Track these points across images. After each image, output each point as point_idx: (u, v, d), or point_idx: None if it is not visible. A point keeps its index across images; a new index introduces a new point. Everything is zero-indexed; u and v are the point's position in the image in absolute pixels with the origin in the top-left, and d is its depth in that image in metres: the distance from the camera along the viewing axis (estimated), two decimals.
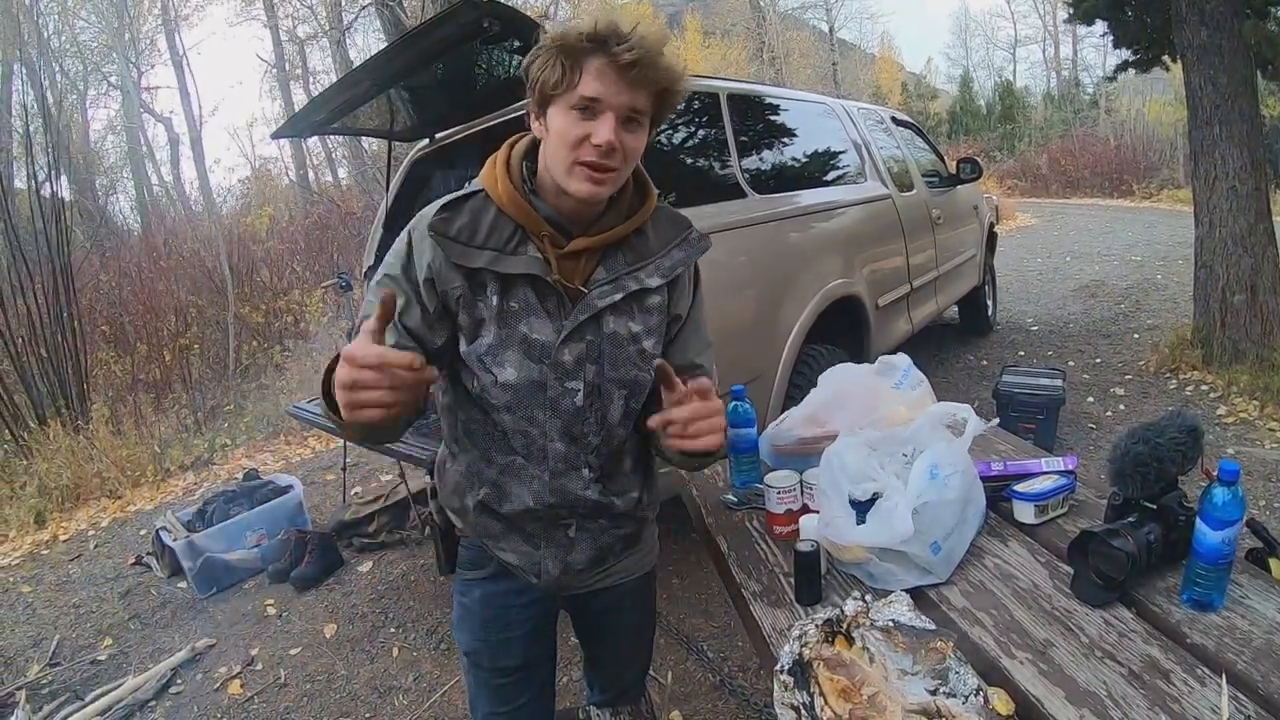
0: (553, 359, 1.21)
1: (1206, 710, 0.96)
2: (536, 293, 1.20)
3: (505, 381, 1.21)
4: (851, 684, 1.03)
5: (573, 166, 1.11)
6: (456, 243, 1.16)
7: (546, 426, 1.25)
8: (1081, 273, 9.23)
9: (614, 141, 1.09)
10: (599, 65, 1.07)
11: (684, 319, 1.35)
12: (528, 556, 1.34)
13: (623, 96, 1.09)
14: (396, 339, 1.17)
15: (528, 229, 1.19)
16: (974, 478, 1.45)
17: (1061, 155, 22.13)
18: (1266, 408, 4.15)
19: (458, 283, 1.18)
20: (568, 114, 1.10)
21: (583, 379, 1.24)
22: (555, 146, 1.13)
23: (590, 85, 1.08)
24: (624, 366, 1.26)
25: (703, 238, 1.34)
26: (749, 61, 27.05)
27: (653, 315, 1.28)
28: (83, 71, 18.81)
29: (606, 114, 1.09)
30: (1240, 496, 1.13)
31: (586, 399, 1.25)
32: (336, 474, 4.52)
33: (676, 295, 1.33)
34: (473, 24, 2.24)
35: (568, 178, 1.13)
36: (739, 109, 3.29)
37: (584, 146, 1.10)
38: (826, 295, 3.25)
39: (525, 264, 1.17)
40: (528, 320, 1.20)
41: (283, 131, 3.52)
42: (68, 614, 3.65)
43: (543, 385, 1.22)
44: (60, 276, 6.30)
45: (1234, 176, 4.59)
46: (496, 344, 1.20)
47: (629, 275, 1.23)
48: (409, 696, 2.69)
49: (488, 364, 1.21)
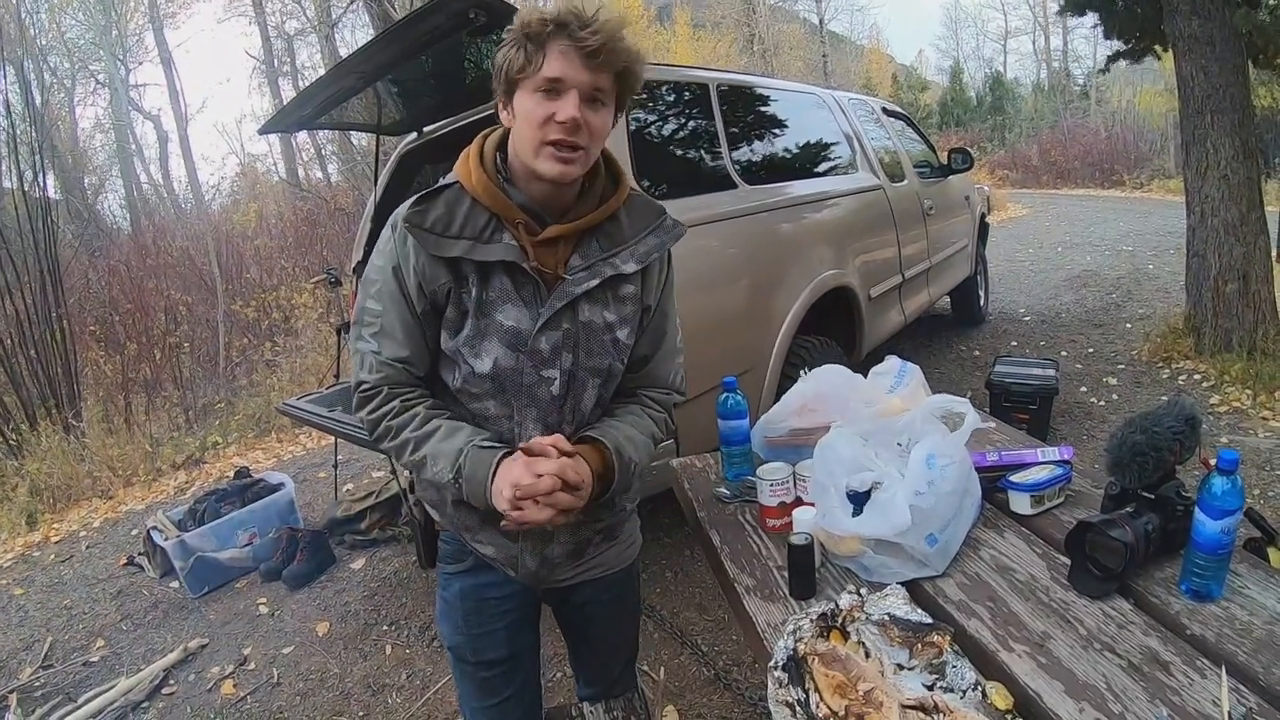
0: (529, 347, 1.22)
1: (1207, 702, 0.95)
2: (513, 280, 1.21)
3: (483, 372, 1.23)
4: (847, 679, 1.02)
5: (540, 147, 1.13)
6: (431, 233, 1.17)
7: (522, 415, 1.26)
8: (1073, 263, 9.25)
9: (578, 118, 1.11)
10: (561, 47, 1.10)
11: (653, 310, 1.37)
12: (505, 549, 1.34)
13: (585, 75, 1.11)
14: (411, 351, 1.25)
15: (502, 217, 1.20)
16: (970, 469, 1.44)
17: (1052, 146, 22.24)
18: (1259, 396, 4.15)
19: (443, 279, 1.20)
20: (532, 96, 1.13)
21: (559, 367, 1.24)
22: (522, 129, 1.15)
23: (553, 66, 1.11)
24: (598, 355, 1.27)
25: (676, 224, 1.35)
26: (739, 54, 26.96)
27: (626, 305, 1.30)
28: (70, 69, 18.70)
29: (570, 93, 1.12)
30: (1240, 486, 1.11)
31: (562, 387, 1.26)
32: (328, 471, 4.51)
33: (649, 286, 1.34)
34: (459, 15, 2.22)
35: (535, 159, 1.14)
36: (729, 100, 3.27)
37: (549, 125, 1.12)
38: (818, 286, 3.24)
39: (502, 251, 1.18)
40: (504, 308, 1.21)
41: (270, 126, 3.49)
42: (60, 616, 3.62)
43: (519, 373, 1.23)
44: (49, 276, 6.28)
45: (1226, 166, 4.59)
46: (474, 334, 1.22)
47: (604, 261, 1.25)
48: (402, 694, 2.67)
49: (466, 355, 1.23)
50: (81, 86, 19.71)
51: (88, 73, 19.74)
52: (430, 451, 1.21)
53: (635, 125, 2.72)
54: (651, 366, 1.40)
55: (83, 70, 19.51)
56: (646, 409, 1.38)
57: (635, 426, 1.33)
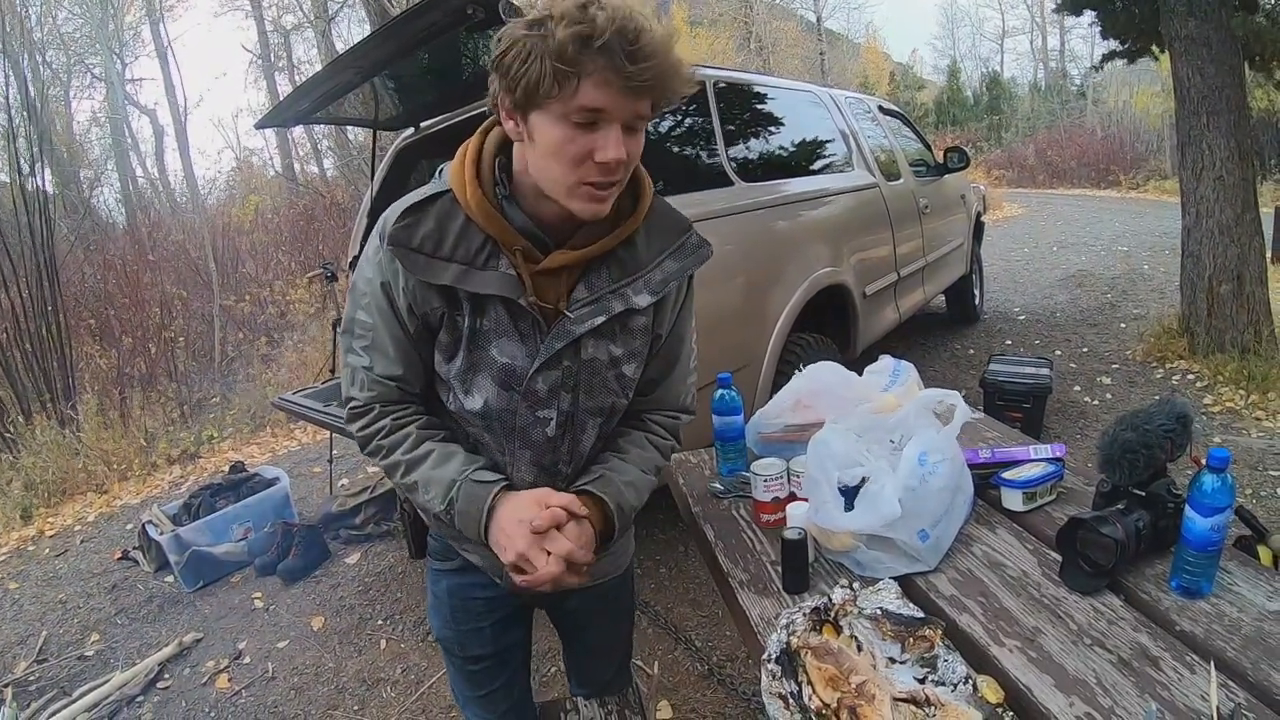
0: (524, 387, 1.12)
1: (1196, 697, 0.96)
2: (509, 312, 1.10)
3: (473, 409, 1.14)
4: (839, 672, 1.03)
5: (576, 187, 0.99)
6: (420, 254, 1.05)
7: (516, 456, 1.18)
8: (1068, 262, 9.26)
9: (624, 158, 0.97)
10: (603, 73, 0.91)
11: (665, 337, 1.25)
12: (490, 560, 1.22)
13: (628, 104, 0.95)
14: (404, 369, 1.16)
15: (500, 241, 1.07)
16: (962, 465, 1.44)
17: (1048, 146, 22.27)
18: (1252, 396, 4.17)
19: (435, 303, 1.09)
20: (562, 125, 0.95)
21: (556, 408, 1.15)
22: (549, 162, 0.99)
23: (591, 95, 0.92)
24: (600, 394, 1.18)
25: (702, 244, 1.21)
26: (736, 51, 26.93)
27: (636, 338, 1.19)
28: (66, 63, 18.60)
29: (612, 127, 0.95)
30: (1230, 484, 1.12)
31: (559, 429, 1.17)
32: (323, 466, 4.51)
33: (663, 315, 1.23)
34: (458, 11, 2.22)
35: (569, 199, 1.00)
36: (726, 97, 3.28)
37: (587, 165, 0.97)
38: (814, 284, 3.24)
39: (496, 282, 1.06)
40: (498, 343, 1.10)
41: (267, 121, 3.48)
42: (54, 610, 3.62)
43: (512, 414, 1.14)
44: (44, 270, 6.27)
45: (1221, 167, 4.60)
46: (466, 368, 1.12)
47: (614, 294, 1.12)
48: (397, 688, 2.68)
49: (456, 389, 1.14)
50: (78, 80, 19.66)
51: (84, 66, 19.67)
52: (421, 478, 1.13)
53: None
54: (660, 391, 1.31)
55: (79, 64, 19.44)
56: (652, 438, 1.29)
57: (638, 464, 1.24)
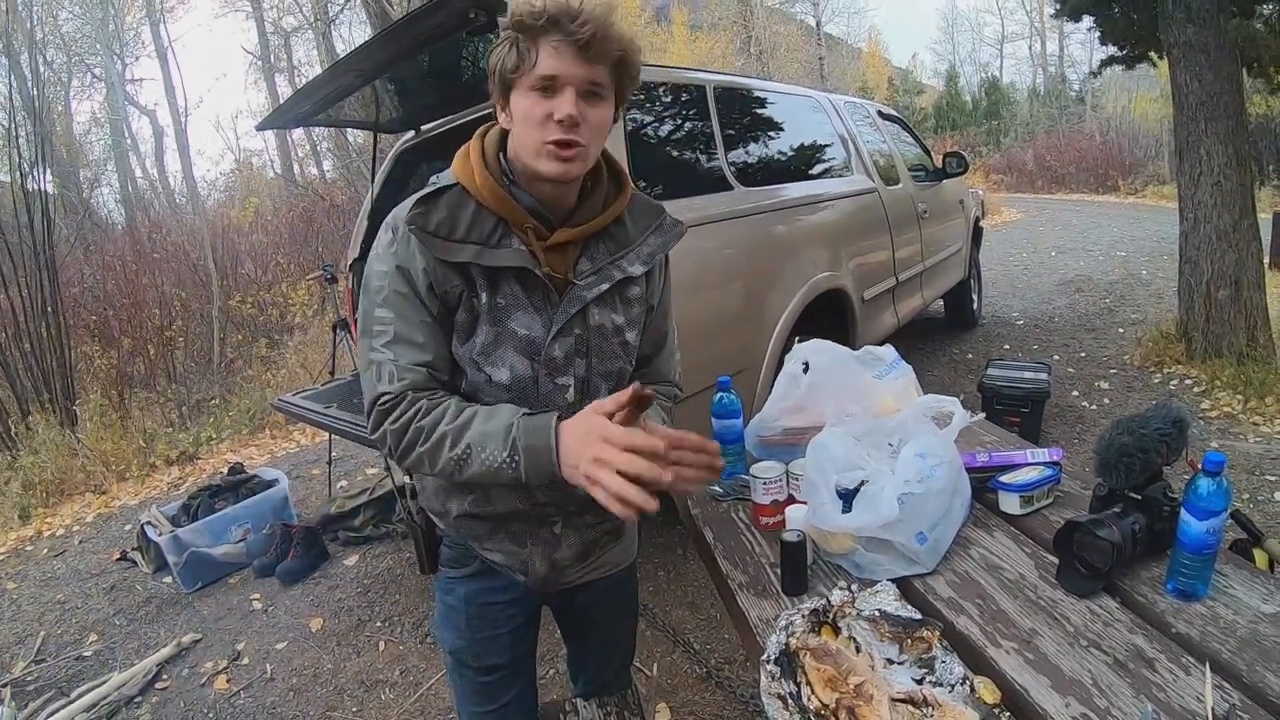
0: (544, 355, 1.19)
1: (1191, 699, 0.97)
2: (523, 286, 1.18)
3: (501, 381, 1.19)
4: (838, 673, 1.03)
5: (541, 147, 1.10)
6: (436, 237, 1.13)
7: None
8: (1066, 267, 9.28)
9: (575, 114, 1.08)
10: (553, 43, 1.07)
11: (654, 309, 1.37)
12: (515, 555, 1.33)
13: (579, 70, 1.08)
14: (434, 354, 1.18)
15: (510, 221, 1.17)
16: (960, 469, 1.45)
17: (1047, 151, 22.31)
18: (1250, 401, 4.18)
19: (456, 280, 1.16)
20: (529, 95, 1.10)
21: (573, 374, 1.23)
22: (521, 130, 1.12)
23: (547, 63, 1.07)
24: (610, 359, 1.26)
25: (676, 223, 1.34)
26: (736, 55, 26.95)
27: (634, 307, 1.29)
28: (66, 63, 18.59)
29: (566, 89, 1.08)
30: (1225, 487, 1.13)
31: (577, 394, 1.23)
32: (322, 468, 4.50)
33: (652, 286, 1.35)
34: (460, 15, 2.22)
35: (536, 159, 1.12)
36: (726, 102, 3.29)
37: (548, 125, 1.09)
38: (812, 288, 3.25)
39: (512, 256, 1.15)
40: (516, 315, 1.18)
41: (268, 123, 3.49)
42: (53, 610, 3.62)
43: (535, 382, 1.20)
44: (44, 270, 6.25)
45: (1219, 172, 4.61)
46: (491, 342, 1.18)
47: (613, 264, 1.23)
48: (395, 690, 2.68)
49: (481, 364, 1.19)
50: (78, 80, 19.65)
51: (84, 66, 19.66)
52: (473, 438, 1.10)
53: (632, 126, 2.73)
54: (655, 365, 1.41)
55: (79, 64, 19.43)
56: (658, 404, 1.37)
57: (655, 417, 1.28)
